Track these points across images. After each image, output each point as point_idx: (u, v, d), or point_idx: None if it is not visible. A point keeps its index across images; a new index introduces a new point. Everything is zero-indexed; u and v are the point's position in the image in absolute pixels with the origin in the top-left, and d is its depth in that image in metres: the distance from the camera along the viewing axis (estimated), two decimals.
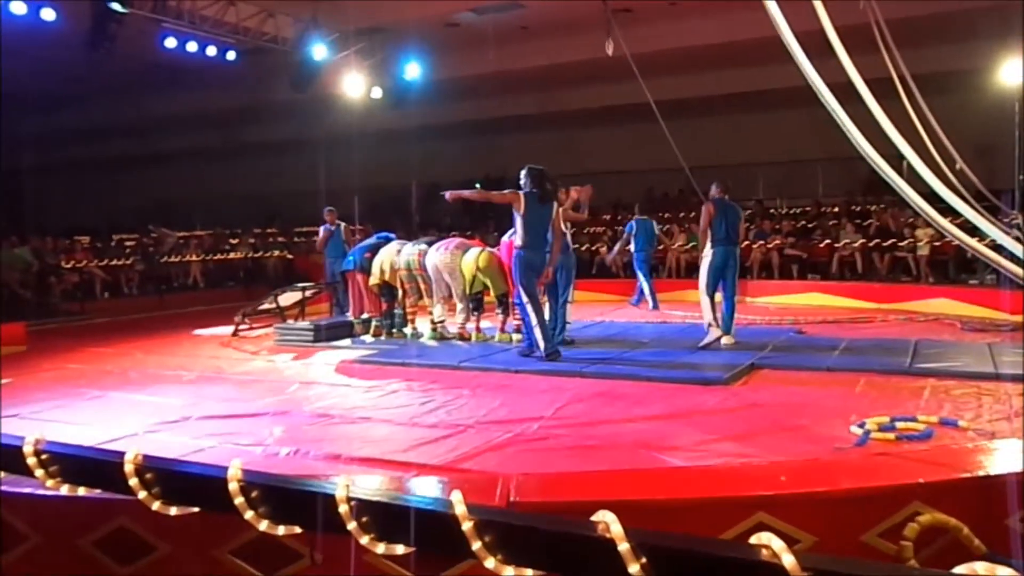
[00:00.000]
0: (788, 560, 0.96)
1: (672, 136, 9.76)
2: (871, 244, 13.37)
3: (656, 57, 12.59)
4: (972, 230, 6.24)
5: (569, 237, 8.32)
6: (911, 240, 12.87)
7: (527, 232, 7.20)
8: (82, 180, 23.00)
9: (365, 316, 9.39)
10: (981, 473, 3.20)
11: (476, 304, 8.79)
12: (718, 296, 8.16)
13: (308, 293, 11.03)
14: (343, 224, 11.57)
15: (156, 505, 1.39)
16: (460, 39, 15.11)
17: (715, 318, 7.94)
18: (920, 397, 5.56)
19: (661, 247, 13.72)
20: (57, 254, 14.74)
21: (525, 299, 7.26)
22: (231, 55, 13.92)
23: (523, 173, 7.39)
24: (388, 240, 9.44)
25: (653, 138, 10.58)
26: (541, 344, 7.17)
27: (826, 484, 3.17)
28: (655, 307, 11.19)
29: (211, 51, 13.53)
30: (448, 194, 7.67)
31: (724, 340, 7.87)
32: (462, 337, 8.74)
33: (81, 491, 1.50)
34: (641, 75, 9.45)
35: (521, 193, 7.24)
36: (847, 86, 4.58)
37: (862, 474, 3.37)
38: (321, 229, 11.58)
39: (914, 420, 4.78)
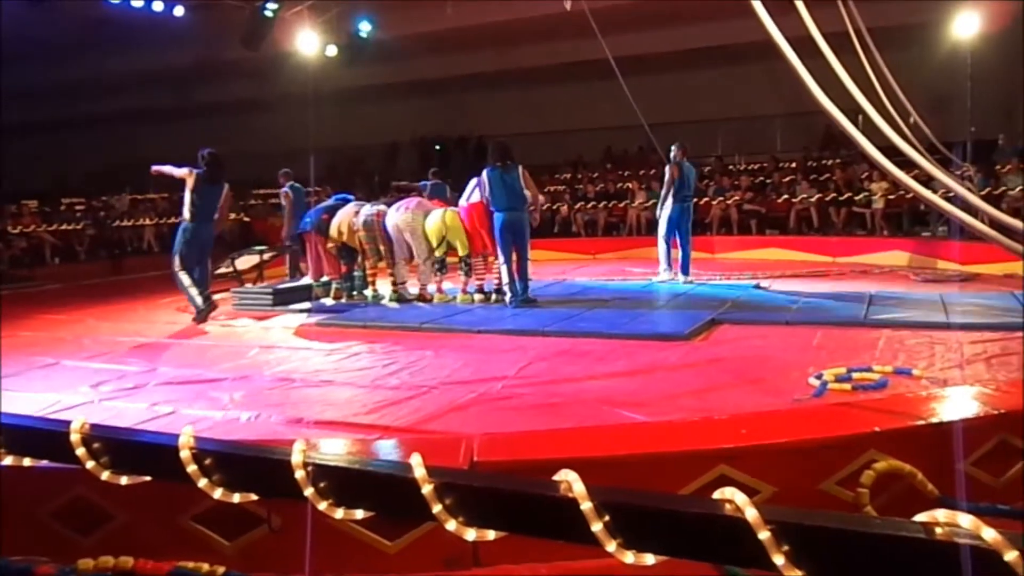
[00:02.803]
0: (751, 513, 0.96)
1: (631, 93, 9.73)
2: (827, 199, 13.53)
3: (615, 12, 12.45)
4: (926, 182, 6.34)
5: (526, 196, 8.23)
6: (866, 194, 13.04)
7: (194, 207, 7.98)
8: (28, 143, 22.27)
9: (324, 279, 9.27)
10: (934, 420, 3.28)
11: (439, 265, 8.74)
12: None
13: (266, 256, 10.85)
14: (290, 186, 11.38)
15: (106, 475, 1.35)
16: None
17: (668, 262, 9.74)
18: (875, 348, 5.67)
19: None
20: (3, 219, 14.30)
21: (179, 267, 7.98)
22: (179, 11, 13.49)
23: (200, 154, 8.11)
24: (346, 201, 9.30)
25: (613, 95, 10.54)
26: (198, 301, 7.96)
27: (785, 435, 3.23)
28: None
29: (158, 6, 13.09)
30: (153, 168, 8.37)
31: (665, 276, 9.68)
32: (423, 298, 8.69)
33: (26, 462, 1.45)
34: (600, 31, 9.37)
35: (195, 172, 7.98)
36: (804, 40, 4.57)
37: (820, 424, 3.44)
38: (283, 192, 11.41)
39: (869, 370, 4.87)
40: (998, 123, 13.44)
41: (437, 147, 20.90)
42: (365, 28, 15.09)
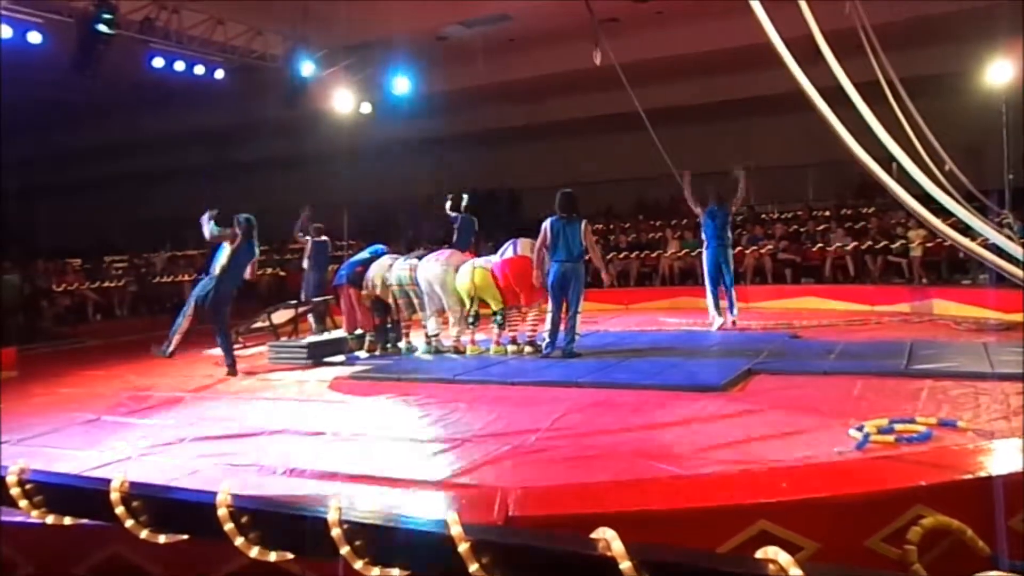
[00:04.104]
0: (795, 574, 0.93)
1: (662, 143, 9.80)
2: (863, 247, 13.40)
3: (644, 66, 12.62)
4: (964, 230, 6.26)
5: (584, 251, 8.32)
6: (903, 242, 12.89)
7: (230, 267, 8.38)
8: (72, 202, 22.94)
9: (359, 331, 9.33)
10: (982, 474, 3.18)
11: (472, 318, 8.77)
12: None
13: (301, 310, 10.97)
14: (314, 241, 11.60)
15: (144, 533, 1.35)
16: (449, 53, 15.15)
17: (717, 308, 10.02)
18: (918, 398, 5.54)
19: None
20: (48, 277, 14.65)
21: (189, 311, 8.58)
22: (219, 74, 13.91)
23: (236, 219, 8.53)
24: (380, 254, 9.40)
25: (644, 146, 10.62)
26: (171, 347, 8.63)
27: (827, 489, 3.14)
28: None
29: (199, 70, 13.52)
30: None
31: (716, 326, 9.90)
32: (457, 350, 8.70)
33: (67, 520, 1.46)
34: (629, 84, 9.49)
35: (240, 235, 8.38)
36: (835, 90, 4.58)
37: (863, 478, 3.34)
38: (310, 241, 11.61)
39: (913, 422, 4.75)
40: None
41: (465, 195, 21.15)
42: (399, 86, 15.43)
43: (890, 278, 13.06)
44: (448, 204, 11.96)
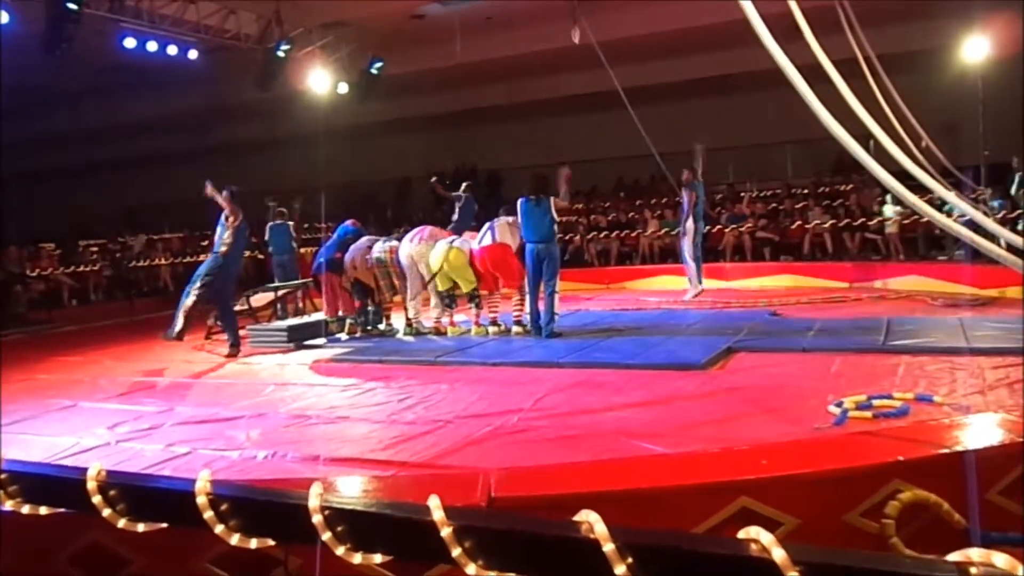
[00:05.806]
0: (778, 554, 0.93)
1: (641, 123, 9.78)
2: (841, 224, 13.48)
3: (622, 44, 12.57)
4: (940, 206, 6.31)
5: (556, 227, 8.31)
6: (880, 219, 12.98)
7: (234, 244, 8.31)
8: (46, 187, 22.57)
9: (340, 314, 9.29)
10: (959, 448, 3.22)
11: (450, 299, 8.74)
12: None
13: (280, 293, 10.90)
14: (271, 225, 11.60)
15: (122, 523, 1.34)
16: (426, 32, 14.99)
17: (698, 279, 10.82)
18: (895, 374, 5.60)
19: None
20: (22, 263, 14.43)
21: (196, 289, 8.19)
22: (193, 54, 13.70)
23: (229, 189, 8.35)
24: (349, 232, 9.34)
25: (623, 125, 10.60)
26: (177, 328, 8.16)
27: (807, 465, 3.17)
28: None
29: (172, 51, 13.30)
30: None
31: (694, 292, 10.77)
32: (437, 331, 8.68)
33: (43, 510, 1.44)
34: (608, 63, 9.45)
35: (240, 212, 8.31)
36: (814, 67, 4.57)
37: (842, 454, 3.38)
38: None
39: (890, 397, 4.80)
40: (1012, 146, 13.40)
41: (448, 182, 21.05)
42: (376, 66, 15.28)
43: (867, 255, 13.16)
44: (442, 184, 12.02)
